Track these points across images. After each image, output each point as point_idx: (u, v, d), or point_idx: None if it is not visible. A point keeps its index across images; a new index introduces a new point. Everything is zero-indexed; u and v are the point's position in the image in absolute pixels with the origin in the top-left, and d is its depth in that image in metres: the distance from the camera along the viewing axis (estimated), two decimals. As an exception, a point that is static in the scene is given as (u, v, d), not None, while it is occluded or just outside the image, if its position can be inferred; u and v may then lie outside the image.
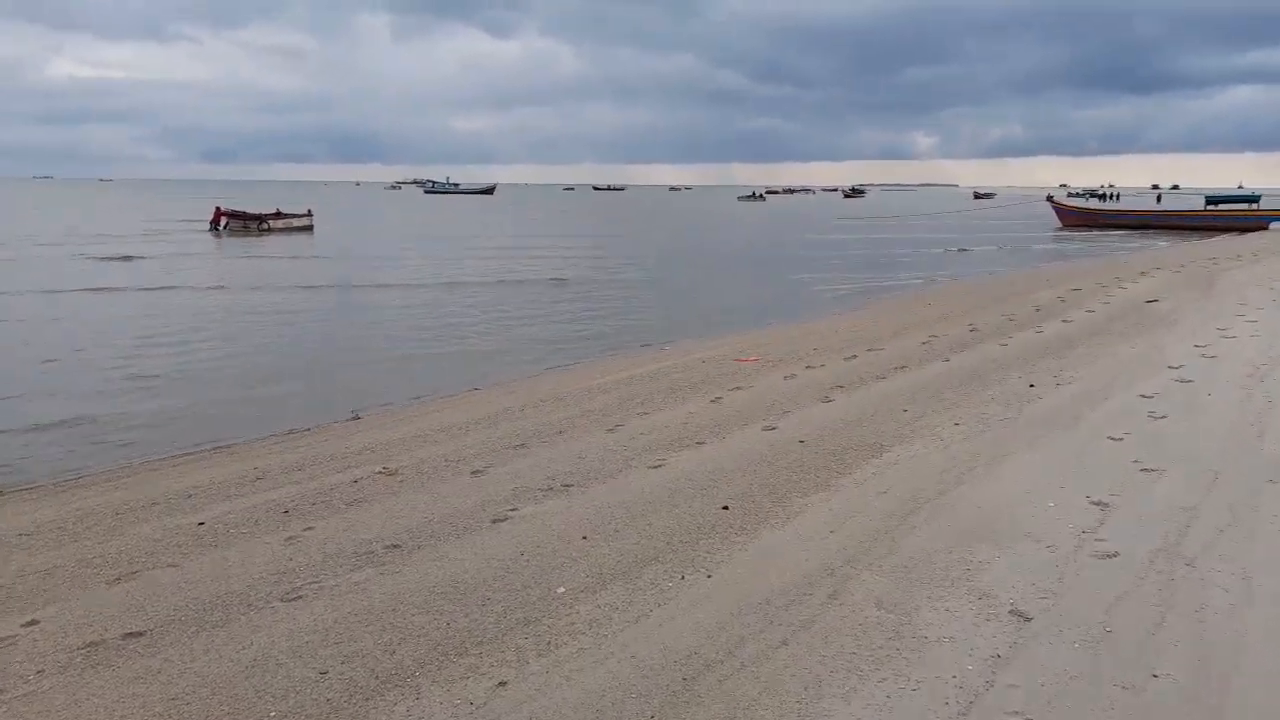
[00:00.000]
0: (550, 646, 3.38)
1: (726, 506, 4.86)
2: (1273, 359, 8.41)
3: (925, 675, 3.10)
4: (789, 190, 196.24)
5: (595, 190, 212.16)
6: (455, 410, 8.15)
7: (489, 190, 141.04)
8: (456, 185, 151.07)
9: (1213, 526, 4.38)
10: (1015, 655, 3.22)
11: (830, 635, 3.39)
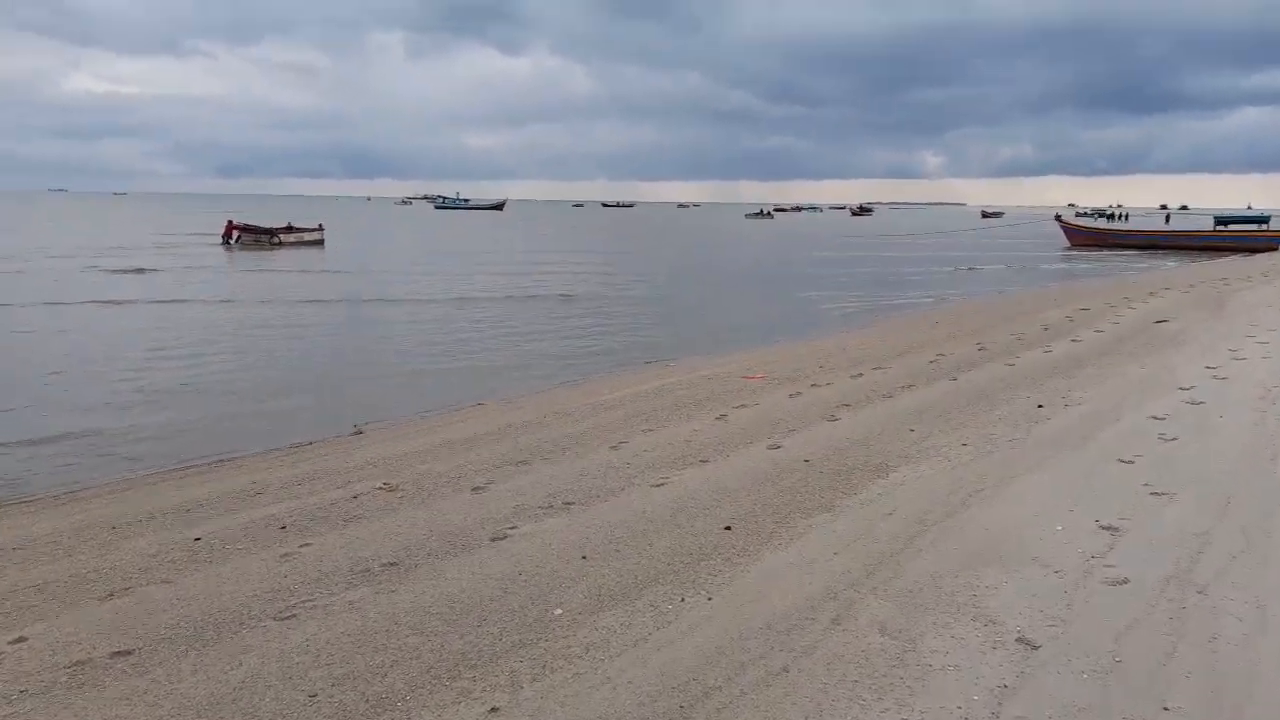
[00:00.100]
0: (545, 670, 3.31)
1: (729, 527, 4.78)
2: (1286, 381, 8.29)
3: (929, 705, 3.01)
4: (797, 208, 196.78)
5: (604, 207, 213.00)
6: (459, 425, 8.10)
7: (499, 206, 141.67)
8: (467, 201, 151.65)
9: (1225, 552, 4.27)
10: (1022, 685, 3.12)
11: (833, 662, 3.30)
